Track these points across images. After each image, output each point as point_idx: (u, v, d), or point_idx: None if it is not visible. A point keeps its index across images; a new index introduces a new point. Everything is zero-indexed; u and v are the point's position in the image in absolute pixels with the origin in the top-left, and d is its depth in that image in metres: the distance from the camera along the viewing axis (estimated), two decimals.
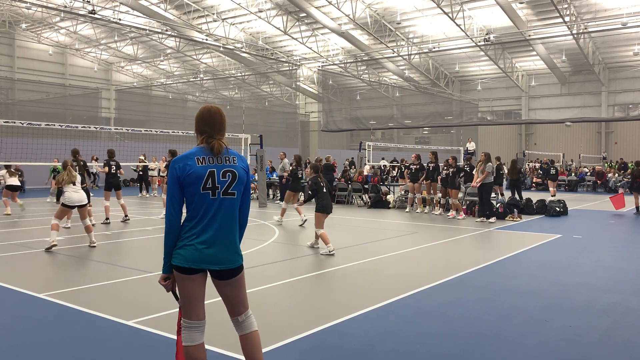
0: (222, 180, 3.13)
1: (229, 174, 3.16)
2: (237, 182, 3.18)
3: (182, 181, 3.09)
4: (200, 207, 3.10)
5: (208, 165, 3.12)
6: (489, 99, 42.91)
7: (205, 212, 3.10)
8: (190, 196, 3.11)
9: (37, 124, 14.66)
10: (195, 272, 3.11)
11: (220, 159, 3.16)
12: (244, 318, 3.31)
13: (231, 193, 3.16)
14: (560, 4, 26.67)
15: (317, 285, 6.67)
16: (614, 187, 26.46)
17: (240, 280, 3.27)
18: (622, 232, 12.24)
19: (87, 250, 8.89)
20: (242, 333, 3.33)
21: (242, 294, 3.31)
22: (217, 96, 49.21)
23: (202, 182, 3.08)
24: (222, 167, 3.15)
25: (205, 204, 3.10)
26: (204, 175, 3.09)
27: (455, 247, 9.87)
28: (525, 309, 5.58)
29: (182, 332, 3.20)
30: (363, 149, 23.40)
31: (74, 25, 36.68)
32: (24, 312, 5.46)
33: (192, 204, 3.12)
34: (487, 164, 13.33)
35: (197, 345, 3.18)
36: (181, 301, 3.20)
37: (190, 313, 3.17)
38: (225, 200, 3.14)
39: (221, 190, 3.12)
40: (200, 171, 3.09)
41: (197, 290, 3.17)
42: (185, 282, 3.13)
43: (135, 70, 46.18)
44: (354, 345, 4.48)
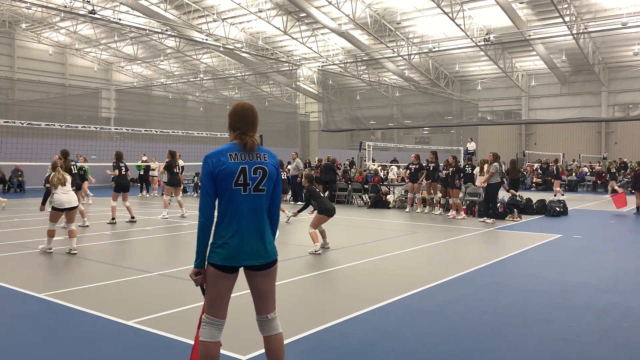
0: (253, 176, 3.16)
1: (260, 171, 3.19)
2: (267, 178, 3.21)
3: (215, 176, 3.12)
4: (232, 203, 3.14)
5: (240, 161, 3.15)
6: (489, 99, 42.91)
7: (237, 208, 3.14)
8: (222, 192, 3.15)
9: (37, 124, 14.67)
10: (232, 270, 3.16)
11: (252, 156, 3.20)
12: (273, 317, 3.33)
13: (261, 189, 3.19)
14: (560, 4, 26.67)
15: (316, 285, 6.67)
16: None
17: (274, 273, 3.30)
18: (622, 232, 12.24)
19: (87, 250, 8.88)
20: (268, 334, 3.32)
21: (274, 289, 3.34)
22: (217, 96, 49.21)
23: (234, 178, 3.12)
24: (254, 164, 3.19)
25: (237, 200, 3.14)
26: (236, 171, 3.12)
27: (455, 247, 9.87)
28: (525, 309, 5.58)
29: (202, 328, 3.24)
30: (363, 149, 23.41)
31: (74, 25, 36.69)
32: (24, 312, 5.46)
33: (224, 199, 3.15)
34: (492, 164, 13.27)
35: (215, 343, 3.22)
36: (209, 298, 3.23)
37: (216, 311, 3.23)
38: (255, 196, 3.18)
39: (252, 186, 3.16)
40: (233, 167, 3.12)
41: (228, 289, 3.23)
42: (220, 280, 3.18)
43: (135, 70, 46.19)
44: (354, 345, 4.48)
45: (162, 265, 7.73)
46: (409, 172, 16.00)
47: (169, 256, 8.75)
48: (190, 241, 10.32)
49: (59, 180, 8.55)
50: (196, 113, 44.26)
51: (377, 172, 20.21)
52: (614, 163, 23.15)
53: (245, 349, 4.32)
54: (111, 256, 8.63)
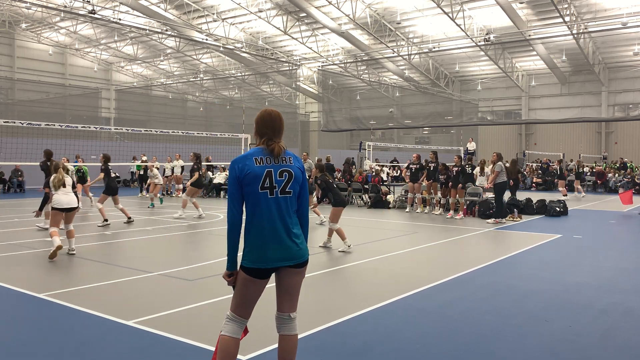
0: (279, 179, 3.24)
1: (286, 174, 3.27)
2: (293, 181, 3.29)
3: (242, 181, 3.21)
4: (260, 206, 3.21)
5: (266, 165, 3.24)
6: (489, 99, 42.91)
7: (265, 211, 3.21)
8: (248, 196, 3.23)
9: (37, 124, 14.66)
10: (264, 275, 3.22)
11: (278, 160, 3.28)
12: (294, 316, 3.38)
13: (288, 192, 3.27)
14: (560, 4, 26.67)
15: (316, 286, 6.67)
16: (614, 187, 26.46)
17: (304, 272, 3.37)
18: (623, 232, 12.24)
19: (87, 250, 8.88)
20: (286, 333, 3.37)
21: (299, 289, 3.40)
22: (217, 96, 49.22)
23: (261, 182, 3.20)
24: (279, 167, 3.27)
25: (265, 202, 3.21)
26: (261, 175, 3.20)
27: (455, 247, 9.88)
28: (525, 309, 5.58)
29: (226, 323, 3.29)
30: (363, 149, 23.42)
31: (74, 25, 36.69)
32: (24, 312, 5.46)
33: (251, 203, 3.23)
34: (497, 164, 13.22)
35: (235, 339, 3.28)
36: (238, 299, 3.29)
37: (243, 312, 3.30)
38: (282, 198, 3.25)
39: (279, 189, 3.24)
40: (258, 171, 3.20)
41: (257, 294, 3.31)
42: (251, 285, 3.25)
43: (135, 70, 46.19)
44: (354, 345, 4.48)
45: (162, 265, 7.72)
46: (410, 172, 16.00)
47: (169, 256, 8.75)
48: (190, 241, 10.33)
49: (59, 181, 8.57)
50: (196, 113, 44.26)
51: (378, 173, 20.21)
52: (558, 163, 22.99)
53: (245, 349, 4.31)
54: (111, 256, 8.63)
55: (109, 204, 12.54)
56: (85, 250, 8.92)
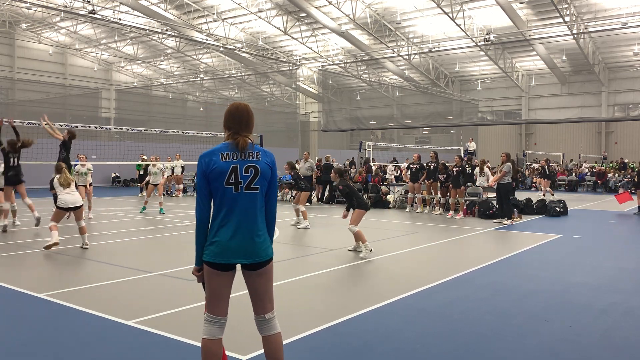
0: (244, 175, 3.21)
1: (252, 169, 3.24)
2: (260, 177, 3.25)
3: (208, 176, 3.20)
4: (224, 202, 3.21)
5: (231, 160, 3.21)
6: (489, 99, 42.89)
7: (229, 207, 3.20)
8: (215, 191, 3.22)
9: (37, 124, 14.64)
10: (224, 268, 3.20)
11: (244, 155, 3.24)
12: (271, 316, 3.35)
13: (254, 188, 3.23)
14: (560, 4, 26.66)
15: (316, 286, 6.67)
16: (614, 187, 26.47)
17: (269, 272, 3.33)
18: (623, 232, 12.24)
19: (87, 250, 8.88)
20: (267, 334, 3.36)
21: (270, 288, 3.37)
22: (217, 96, 49.21)
23: (226, 177, 3.18)
24: (245, 163, 3.23)
25: (229, 198, 3.20)
26: (227, 171, 3.19)
27: (455, 247, 9.88)
28: (525, 309, 5.58)
29: (204, 325, 3.28)
30: (363, 149, 23.42)
31: (74, 25, 36.68)
32: (24, 312, 5.45)
33: (217, 198, 3.23)
34: (505, 164, 13.13)
35: (215, 340, 3.26)
36: (207, 295, 3.28)
37: (214, 308, 3.26)
38: (248, 194, 3.22)
39: (244, 185, 3.21)
40: (223, 166, 3.19)
41: (224, 287, 3.26)
42: (214, 278, 3.22)
43: (135, 70, 46.17)
44: (354, 345, 4.48)
45: (162, 265, 7.72)
46: (410, 172, 16.00)
47: (169, 256, 8.74)
48: (190, 241, 10.32)
49: (65, 180, 8.94)
50: (196, 113, 44.25)
51: (378, 172, 20.20)
52: (544, 162, 22.81)
53: (245, 349, 4.32)
54: (111, 256, 8.63)
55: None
56: (84, 250, 8.92)
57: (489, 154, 35.69)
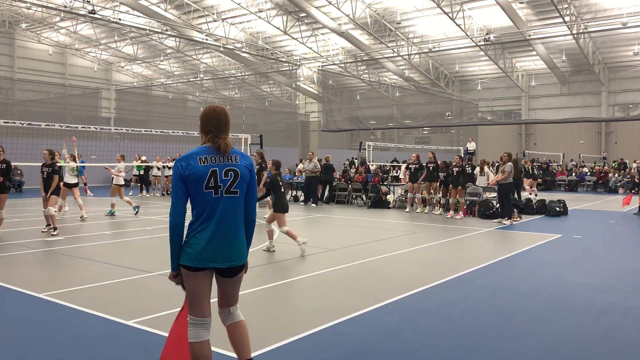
0: (224, 179, 3.18)
1: (231, 173, 3.21)
2: (239, 180, 3.23)
3: (185, 180, 3.15)
4: (204, 206, 3.17)
5: (210, 164, 3.17)
6: (489, 99, 42.90)
7: (209, 211, 3.17)
8: (194, 195, 3.18)
9: (37, 124, 14.65)
10: (201, 270, 3.18)
11: (223, 158, 3.21)
12: (235, 310, 3.41)
13: (234, 192, 3.21)
14: (560, 4, 26.66)
15: (317, 285, 6.67)
16: (614, 187, 26.47)
17: (241, 277, 3.37)
18: (623, 232, 12.23)
19: (87, 250, 8.88)
20: (232, 322, 3.40)
21: (238, 289, 3.43)
22: (217, 96, 49.20)
23: (205, 181, 3.14)
24: (225, 166, 3.20)
25: (209, 202, 3.16)
26: (206, 175, 3.14)
27: (455, 247, 9.87)
28: (525, 309, 5.58)
29: (189, 329, 3.25)
30: (363, 149, 23.42)
31: (74, 25, 36.68)
32: (24, 312, 5.45)
33: (196, 202, 3.20)
34: (507, 164, 13.09)
35: (203, 342, 3.23)
36: (187, 298, 3.27)
37: (196, 310, 3.23)
38: (227, 198, 3.20)
39: (224, 189, 3.18)
40: (202, 170, 3.14)
41: (203, 288, 3.23)
42: (191, 280, 3.21)
43: (135, 70, 46.18)
44: (354, 345, 4.48)
45: (162, 265, 7.72)
46: (409, 172, 15.99)
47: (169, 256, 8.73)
48: None
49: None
50: (196, 113, 44.08)
51: (378, 172, 20.19)
52: (530, 162, 22.68)
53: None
54: (111, 256, 8.63)
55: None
56: (85, 250, 8.92)
57: (489, 154, 35.67)
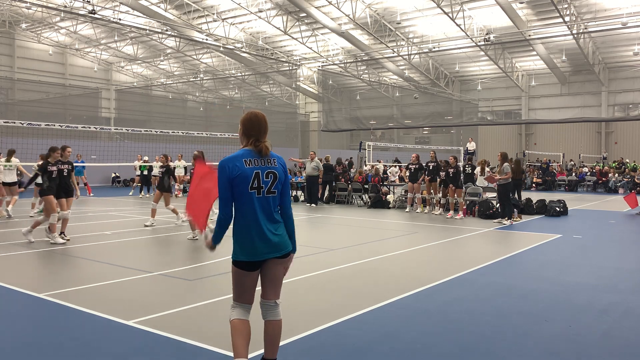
0: (265, 180, 3.51)
1: (271, 175, 3.53)
2: (277, 181, 3.56)
3: (233, 181, 3.45)
4: (248, 205, 3.48)
5: (254, 167, 3.49)
6: (489, 99, 42.89)
7: (252, 209, 3.48)
8: (238, 195, 3.48)
9: (37, 124, 14.67)
10: (253, 267, 3.52)
11: (264, 161, 3.54)
12: (279, 302, 3.67)
13: (272, 192, 3.54)
14: (560, 4, 26.66)
15: (316, 285, 6.67)
16: (613, 187, 26.47)
17: (288, 262, 3.68)
18: (623, 232, 12.23)
19: (87, 250, 8.89)
20: (271, 319, 3.64)
21: (282, 277, 3.70)
22: (217, 96, 49.20)
23: (250, 183, 3.46)
24: (266, 169, 3.53)
25: (252, 202, 3.48)
26: (251, 176, 3.46)
27: (455, 247, 9.87)
28: (525, 309, 5.58)
29: (232, 310, 3.59)
30: (363, 149, 23.41)
31: (74, 25, 36.66)
32: (24, 312, 5.46)
33: (241, 202, 3.49)
34: (504, 165, 13.06)
35: (244, 320, 3.56)
36: (237, 290, 3.59)
37: (242, 297, 3.59)
38: (268, 198, 3.52)
39: (265, 189, 3.50)
40: (249, 172, 3.46)
41: (252, 283, 3.60)
42: (244, 278, 3.56)
43: (135, 70, 46.16)
44: (354, 345, 4.48)
45: (162, 265, 7.73)
46: (409, 172, 15.99)
47: (169, 256, 8.75)
48: (189, 241, 10.33)
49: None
50: (196, 113, 44.23)
51: (378, 172, 20.19)
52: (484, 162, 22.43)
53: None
54: (111, 256, 8.63)
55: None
56: (85, 250, 8.92)
57: (489, 154, 35.68)
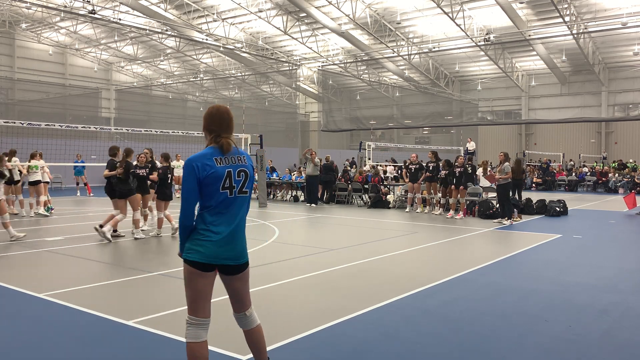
0: (237, 179, 3.28)
1: (243, 174, 3.31)
2: (249, 180, 3.35)
3: (202, 181, 3.19)
4: (218, 205, 3.24)
5: (226, 165, 3.25)
6: (489, 99, 42.89)
7: (223, 210, 3.24)
8: (208, 195, 3.23)
9: (37, 124, 14.67)
10: (210, 269, 3.23)
11: (234, 159, 3.30)
12: (249, 313, 3.47)
13: (244, 191, 3.32)
14: (560, 4, 26.66)
15: (317, 285, 6.67)
16: (613, 187, 26.47)
17: (247, 275, 3.43)
18: (622, 232, 12.23)
19: (88, 250, 8.88)
20: (248, 328, 3.48)
21: (248, 289, 3.47)
22: (217, 96, 49.19)
23: (222, 182, 3.22)
24: (237, 167, 3.30)
25: (223, 202, 3.24)
26: (223, 175, 3.22)
27: (455, 247, 9.87)
28: (525, 309, 5.58)
29: (187, 329, 3.27)
30: (363, 149, 23.41)
31: (74, 25, 36.66)
32: (24, 312, 5.45)
33: (210, 201, 3.24)
34: (504, 164, 13.06)
35: (201, 343, 3.26)
36: (190, 298, 3.28)
37: (198, 310, 3.26)
38: (240, 198, 3.30)
39: (237, 189, 3.28)
40: (221, 171, 3.22)
41: (208, 287, 3.28)
42: (200, 279, 3.23)
43: (135, 70, 46.16)
44: (354, 346, 4.48)
45: (162, 265, 7.73)
46: (409, 172, 15.98)
47: (169, 256, 8.74)
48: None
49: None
50: (196, 113, 44.20)
51: (377, 172, 20.18)
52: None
53: (245, 349, 4.30)
54: (111, 256, 8.63)
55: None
56: (85, 250, 8.92)
57: (489, 154, 35.68)
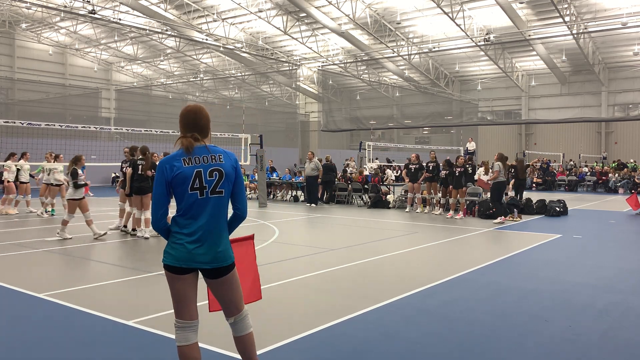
0: (209, 179, 3.15)
1: (216, 173, 3.17)
2: (224, 180, 3.19)
3: (170, 182, 3.14)
4: (189, 207, 3.14)
5: (195, 165, 3.14)
6: (489, 99, 42.89)
7: (194, 212, 3.14)
8: (179, 196, 3.16)
9: (37, 124, 14.66)
10: (186, 272, 3.16)
11: (206, 158, 3.17)
12: (239, 319, 3.35)
13: (219, 192, 3.18)
14: (560, 4, 26.66)
15: (317, 285, 6.67)
16: (613, 187, 26.47)
17: (231, 279, 3.27)
18: (622, 232, 12.23)
19: (87, 250, 8.88)
20: (236, 335, 3.38)
21: (235, 294, 3.32)
22: (217, 96, 49.20)
23: (190, 183, 3.11)
24: (209, 167, 3.16)
25: (194, 203, 3.13)
26: (191, 176, 3.12)
27: (455, 247, 9.87)
28: (525, 309, 5.58)
29: (176, 333, 3.23)
30: (363, 149, 23.41)
31: (74, 25, 36.66)
32: (24, 312, 5.45)
33: (181, 204, 3.17)
34: (495, 164, 13.16)
35: (191, 345, 3.20)
36: (173, 301, 3.24)
37: (183, 313, 3.22)
38: (213, 199, 3.17)
39: (209, 189, 3.15)
40: (187, 172, 3.12)
41: (189, 289, 3.21)
42: (176, 282, 3.19)
43: (135, 70, 46.17)
44: (354, 346, 4.48)
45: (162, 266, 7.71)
46: (409, 172, 15.98)
47: None
48: None
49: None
50: None
51: (377, 172, 20.20)
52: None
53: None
54: (111, 256, 8.63)
55: None
56: (85, 250, 8.92)
57: (489, 154, 35.67)
